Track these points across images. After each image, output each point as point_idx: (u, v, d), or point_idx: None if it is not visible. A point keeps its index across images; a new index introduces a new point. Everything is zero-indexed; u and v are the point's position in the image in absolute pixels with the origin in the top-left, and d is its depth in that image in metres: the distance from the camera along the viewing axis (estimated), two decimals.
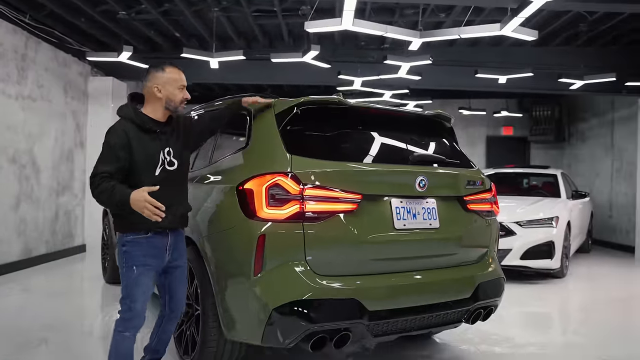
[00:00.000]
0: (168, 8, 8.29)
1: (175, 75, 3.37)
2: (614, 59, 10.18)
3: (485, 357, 4.60)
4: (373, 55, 10.21)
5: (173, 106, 3.36)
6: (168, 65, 3.40)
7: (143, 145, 3.26)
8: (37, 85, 8.35)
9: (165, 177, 3.30)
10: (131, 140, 3.21)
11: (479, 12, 8.26)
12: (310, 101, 3.70)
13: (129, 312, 3.27)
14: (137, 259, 3.26)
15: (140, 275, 3.27)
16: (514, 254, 7.76)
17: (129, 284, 3.27)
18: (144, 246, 3.27)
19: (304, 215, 3.27)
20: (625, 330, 5.75)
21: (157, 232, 3.29)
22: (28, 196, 8.14)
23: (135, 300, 3.26)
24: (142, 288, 3.28)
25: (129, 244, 3.27)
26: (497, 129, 15.46)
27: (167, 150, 3.36)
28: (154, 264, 3.33)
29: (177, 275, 3.50)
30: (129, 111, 3.34)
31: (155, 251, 3.32)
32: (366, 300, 3.31)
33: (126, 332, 3.29)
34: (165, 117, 3.40)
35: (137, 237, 3.27)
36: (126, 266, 3.28)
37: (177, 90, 3.36)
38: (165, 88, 3.33)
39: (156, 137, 3.33)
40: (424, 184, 3.66)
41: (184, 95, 3.40)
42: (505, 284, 4.17)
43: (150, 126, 3.31)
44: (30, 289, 6.86)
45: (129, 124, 3.27)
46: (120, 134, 3.22)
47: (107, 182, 3.09)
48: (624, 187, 12.04)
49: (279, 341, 3.24)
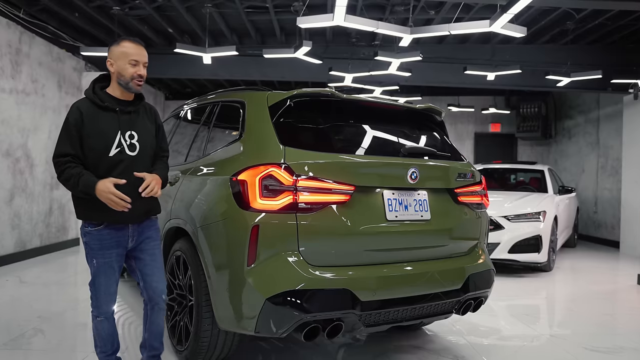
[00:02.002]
0: (161, 4, 8.34)
1: (129, 50, 3.24)
2: (600, 57, 10.35)
3: (473, 348, 4.69)
4: (364, 51, 10.31)
5: (124, 81, 3.23)
6: (125, 40, 3.29)
7: (97, 123, 3.16)
8: (31, 80, 8.38)
9: (121, 162, 3.18)
10: (85, 118, 3.14)
11: (468, 10, 8.37)
12: (303, 93, 3.74)
13: (95, 300, 3.31)
14: (95, 252, 3.24)
15: (100, 267, 3.25)
16: (502, 247, 7.89)
17: (92, 274, 3.29)
18: (100, 238, 3.22)
19: (297, 206, 3.30)
20: (610, 322, 5.89)
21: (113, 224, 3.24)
22: (22, 190, 8.17)
23: (98, 289, 3.29)
24: (104, 278, 3.27)
25: (87, 235, 3.25)
26: (485, 125, 15.61)
27: (128, 133, 3.24)
28: (114, 254, 3.28)
29: (145, 260, 3.40)
30: (89, 90, 3.27)
31: (114, 241, 3.26)
32: (358, 290, 3.35)
33: (99, 316, 3.34)
34: (127, 96, 3.30)
35: (94, 228, 3.22)
36: (87, 256, 3.29)
37: (128, 64, 3.21)
38: (117, 62, 3.22)
39: (115, 117, 3.21)
40: (415, 176, 3.72)
41: (137, 71, 3.23)
42: (495, 275, 4.25)
43: (108, 104, 3.21)
44: (25, 281, 6.89)
45: (87, 102, 3.21)
46: (74, 112, 3.16)
47: (72, 169, 3.07)
48: (609, 183, 12.21)
49: (272, 331, 3.27)
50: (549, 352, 4.68)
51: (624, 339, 5.18)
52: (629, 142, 10.82)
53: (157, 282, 3.43)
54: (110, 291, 3.31)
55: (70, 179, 3.06)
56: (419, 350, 4.55)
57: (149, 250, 3.41)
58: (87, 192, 3.04)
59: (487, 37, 10.11)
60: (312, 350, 4.48)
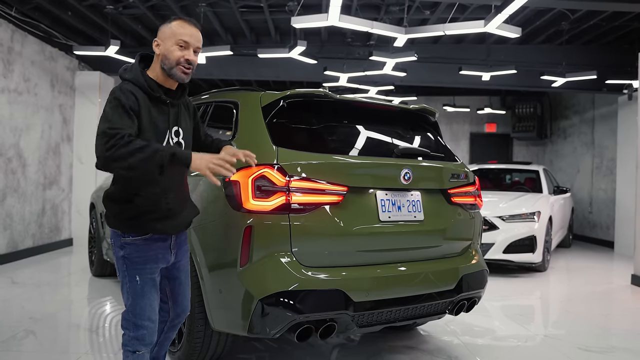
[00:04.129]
0: (155, 3, 8.34)
1: (178, 29, 2.70)
2: (595, 57, 10.38)
3: (467, 348, 4.69)
4: (359, 51, 10.32)
5: (168, 66, 2.69)
6: (178, 18, 2.76)
7: (151, 117, 2.66)
8: (23, 79, 8.33)
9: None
10: (141, 108, 2.61)
11: (463, 10, 8.38)
12: (297, 94, 3.73)
13: (137, 330, 2.71)
14: (139, 266, 2.73)
15: (145, 283, 2.74)
16: (497, 248, 7.90)
17: (132, 296, 2.73)
18: (146, 249, 2.75)
19: (290, 207, 3.29)
20: (603, 322, 5.89)
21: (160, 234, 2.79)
22: (14, 190, 8.13)
23: (142, 315, 2.71)
24: (149, 299, 2.74)
25: (128, 247, 2.73)
26: (480, 125, 15.63)
27: (175, 129, 2.80)
28: (158, 269, 2.82)
29: (181, 279, 3.04)
30: (139, 75, 2.70)
31: (160, 254, 2.81)
32: (351, 291, 3.34)
33: (138, 350, 2.73)
34: (171, 84, 2.79)
35: (138, 238, 2.72)
36: (128, 275, 2.73)
37: (176, 45, 2.68)
38: (164, 43, 2.71)
39: (166, 111, 2.76)
40: (408, 177, 3.71)
41: (185, 55, 2.69)
42: (488, 276, 4.25)
43: (160, 94, 2.71)
44: (17, 282, 6.85)
45: (138, 90, 2.65)
46: (129, 96, 2.58)
47: (140, 141, 2.46)
48: (604, 183, 12.24)
49: (265, 332, 3.26)
50: (543, 352, 4.68)
51: (618, 339, 5.19)
52: (623, 143, 10.83)
53: (188, 300, 3.14)
54: (154, 317, 2.76)
55: (144, 148, 2.42)
56: (412, 350, 4.54)
57: (184, 267, 3.05)
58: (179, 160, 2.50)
59: (482, 38, 10.12)
60: (305, 351, 4.47)
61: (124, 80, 2.71)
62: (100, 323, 5.16)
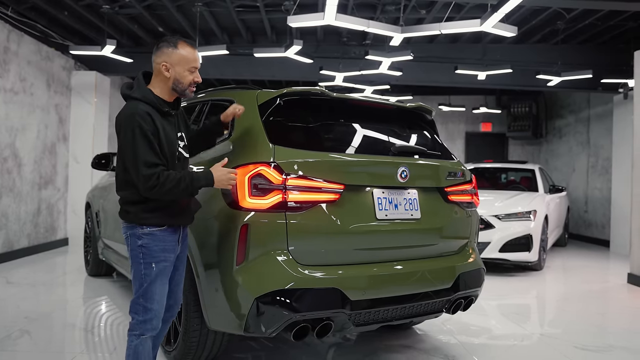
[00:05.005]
0: (151, 3, 8.31)
1: (189, 55, 2.99)
2: (591, 57, 10.40)
3: (464, 347, 4.69)
4: (355, 50, 10.31)
5: (181, 89, 3.02)
6: (181, 42, 3.01)
7: (165, 132, 2.94)
8: (19, 79, 8.30)
9: (183, 167, 3.11)
10: (157, 127, 2.89)
11: (459, 9, 8.38)
12: (293, 92, 3.72)
13: (147, 313, 2.95)
14: (156, 254, 2.96)
15: (159, 272, 2.97)
16: (493, 246, 7.90)
17: (146, 282, 2.94)
18: (163, 239, 2.99)
19: (286, 205, 3.28)
20: (600, 320, 5.90)
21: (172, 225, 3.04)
22: (10, 189, 8.10)
23: (152, 300, 2.95)
24: (160, 286, 2.99)
25: (146, 237, 2.95)
26: (476, 125, 15.65)
27: (180, 135, 3.12)
28: (171, 259, 3.05)
29: (180, 270, 3.25)
30: (148, 93, 2.96)
31: (172, 245, 3.04)
32: (348, 289, 3.33)
33: (144, 334, 2.96)
34: (172, 97, 3.09)
35: (156, 229, 2.96)
36: (143, 263, 2.95)
37: (188, 72, 3.00)
38: (175, 68, 2.98)
39: (174, 121, 3.07)
40: (405, 175, 3.71)
41: (195, 78, 3.05)
42: (485, 274, 4.25)
43: (167, 109, 3.00)
44: (12, 282, 6.82)
45: (150, 108, 2.91)
46: (146, 118, 2.85)
47: (174, 174, 2.84)
48: (599, 182, 12.26)
49: (261, 331, 3.25)
50: (540, 351, 4.68)
51: (614, 338, 5.20)
52: (619, 142, 10.86)
53: (181, 291, 3.34)
54: (163, 301, 3.02)
55: (179, 182, 2.83)
56: (409, 349, 4.54)
57: (184, 258, 3.28)
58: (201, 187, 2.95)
59: (478, 37, 10.13)
60: (301, 350, 4.46)
61: (131, 99, 2.95)
62: (95, 322, 5.14)
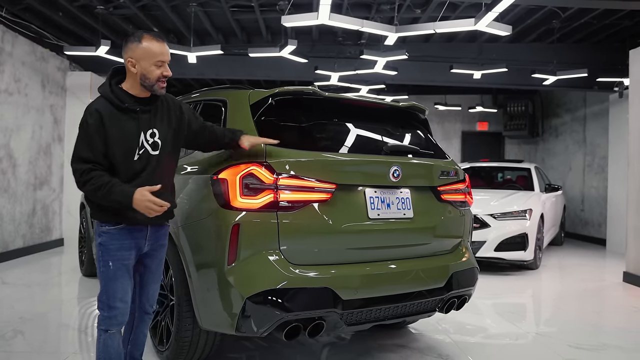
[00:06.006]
0: (146, 3, 8.30)
1: (154, 48, 2.92)
2: (586, 56, 10.41)
3: (458, 346, 4.68)
4: (350, 50, 10.31)
5: (148, 84, 2.95)
6: (146, 35, 2.94)
7: (120, 125, 2.90)
8: (14, 80, 8.28)
9: (147, 163, 2.98)
10: (105, 120, 2.86)
11: (455, 9, 8.38)
12: (285, 91, 3.71)
13: (111, 310, 2.99)
14: (113, 252, 2.98)
15: (117, 269, 2.98)
16: (488, 245, 7.90)
17: (106, 279, 3.00)
18: (120, 237, 2.99)
19: (278, 205, 3.29)
20: (595, 319, 5.90)
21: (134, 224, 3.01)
22: (4, 190, 8.08)
23: (114, 298, 2.98)
24: (121, 283, 2.99)
25: (105, 235, 2.98)
26: (472, 124, 15.64)
27: (150, 131, 3.00)
28: (132, 257, 3.05)
29: (151, 268, 3.23)
30: (106, 89, 2.97)
31: (133, 243, 3.03)
32: (340, 289, 3.33)
33: (110, 329, 3.02)
34: (146, 93, 3.01)
35: (113, 227, 2.98)
36: (102, 260, 3.00)
37: (154, 66, 2.93)
38: (141, 63, 2.91)
39: (136, 117, 2.96)
40: (398, 174, 3.71)
41: (163, 72, 2.96)
42: (479, 273, 4.24)
43: (129, 104, 2.94)
44: (7, 282, 6.81)
45: (105, 102, 2.92)
46: (93, 114, 2.87)
47: (100, 177, 2.81)
48: (595, 181, 12.27)
49: (253, 330, 3.25)
50: (534, 350, 4.68)
51: (609, 337, 5.20)
52: (615, 141, 10.86)
53: (155, 290, 3.31)
54: (125, 298, 3.02)
55: (99, 188, 2.80)
56: (403, 349, 4.54)
57: (158, 258, 3.25)
58: (120, 202, 2.82)
59: (473, 36, 10.13)
60: (295, 350, 4.46)
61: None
62: (89, 323, 5.13)
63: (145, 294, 3.26)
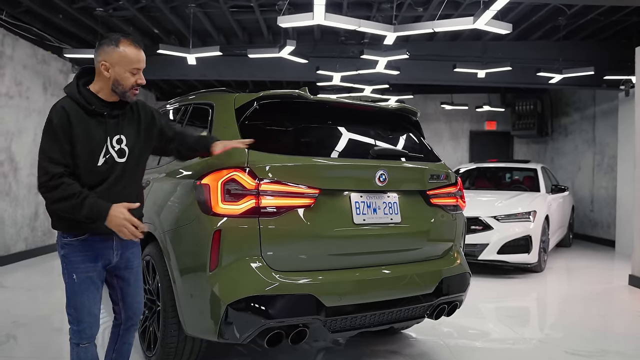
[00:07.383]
0: (145, 4, 8.26)
1: (131, 55, 2.77)
2: (593, 53, 10.24)
3: (451, 352, 4.60)
4: (353, 50, 10.22)
5: (121, 91, 2.80)
6: (124, 40, 2.79)
7: (86, 130, 2.74)
8: (15, 83, 8.30)
9: (111, 171, 2.80)
10: (72, 120, 2.70)
11: (457, 7, 8.27)
12: (271, 95, 3.68)
13: (79, 324, 2.85)
14: (76, 265, 2.83)
15: (81, 282, 2.83)
16: (491, 248, 7.78)
17: (71, 292, 2.85)
18: (83, 249, 2.83)
19: (259, 211, 3.24)
20: (597, 324, 5.78)
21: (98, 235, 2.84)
22: (6, 193, 8.10)
23: (81, 310, 2.84)
24: (87, 296, 2.84)
25: (67, 247, 2.84)
26: (480, 123, 15.47)
27: (117, 137, 2.84)
28: (97, 268, 2.89)
29: (129, 281, 3.06)
30: (73, 89, 2.80)
31: (98, 254, 2.87)
32: (323, 296, 3.28)
33: (81, 343, 2.87)
34: (115, 98, 2.85)
35: (75, 239, 2.82)
36: (66, 273, 2.85)
37: (129, 73, 2.78)
38: (115, 68, 2.76)
39: (103, 122, 2.80)
40: (384, 179, 3.64)
41: (138, 80, 2.82)
42: (470, 278, 4.16)
43: (96, 107, 2.77)
44: (6, 286, 6.82)
45: (72, 103, 2.75)
46: (60, 112, 2.70)
47: (70, 185, 2.63)
48: (605, 181, 12.09)
49: (235, 337, 3.22)
50: (528, 355, 4.59)
51: (610, 342, 5.10)
52: (624, 140, 10.68)
53: (139, 302, 3.17)
54: (94, 311, 2.87)
55: (68, 198, 2.62)
56: (395, 355, 4.46)
57: (134, 269, 3.08)
58: (89, 218, 2.65)
59: (478, 34, 10.00)
60: (289, 354, 4.41)
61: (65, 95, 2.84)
62: None
63: (129, 308, 3.12)
